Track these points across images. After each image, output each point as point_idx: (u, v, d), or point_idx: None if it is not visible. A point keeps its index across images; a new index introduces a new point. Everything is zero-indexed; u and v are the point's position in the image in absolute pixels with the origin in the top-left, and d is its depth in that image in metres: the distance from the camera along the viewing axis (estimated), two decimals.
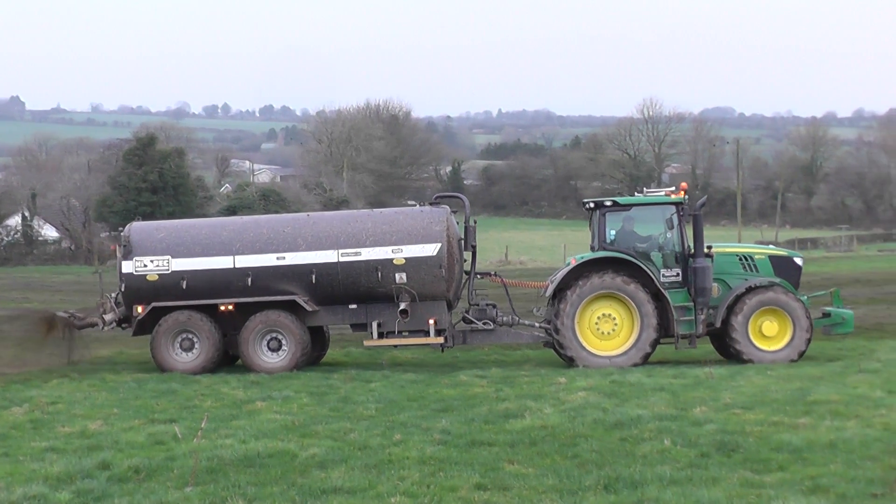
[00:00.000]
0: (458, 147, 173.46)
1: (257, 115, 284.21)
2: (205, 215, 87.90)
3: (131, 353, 27.08)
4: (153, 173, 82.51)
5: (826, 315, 24.19)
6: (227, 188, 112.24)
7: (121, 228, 24.51)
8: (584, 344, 23.17)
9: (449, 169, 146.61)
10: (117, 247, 24.40)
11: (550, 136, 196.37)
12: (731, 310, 23.15)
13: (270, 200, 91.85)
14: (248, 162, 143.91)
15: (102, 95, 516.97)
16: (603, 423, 15.76)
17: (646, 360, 23.01)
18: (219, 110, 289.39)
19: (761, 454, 13.51)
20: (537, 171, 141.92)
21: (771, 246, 29.73)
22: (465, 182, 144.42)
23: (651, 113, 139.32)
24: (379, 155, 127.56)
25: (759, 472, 12.64)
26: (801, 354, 23.05)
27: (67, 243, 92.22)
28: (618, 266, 23.28)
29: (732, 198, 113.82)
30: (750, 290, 23.22)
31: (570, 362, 23.20)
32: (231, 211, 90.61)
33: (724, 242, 25.30)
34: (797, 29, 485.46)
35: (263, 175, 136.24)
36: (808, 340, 23.16)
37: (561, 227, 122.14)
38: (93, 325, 24.86)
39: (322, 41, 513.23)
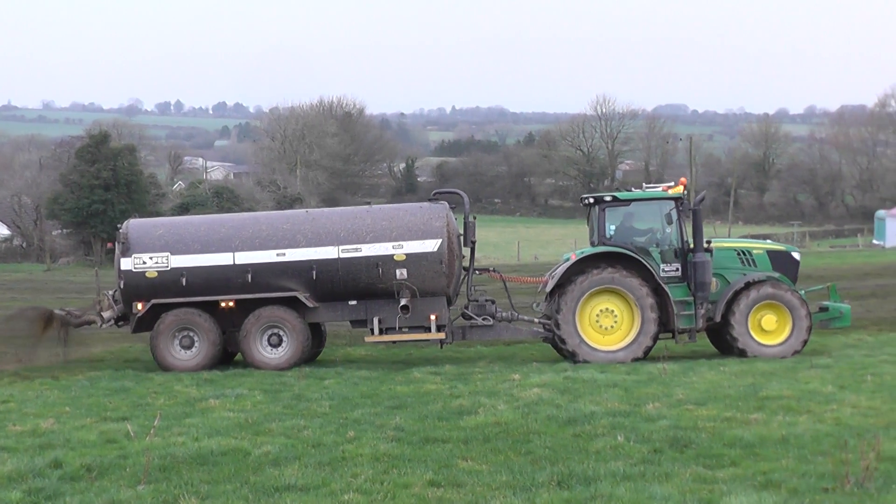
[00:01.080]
0: (411, 144, 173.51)
1: (210, 112, 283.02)
2: (157, 213, 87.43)
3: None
4: (106, 171, 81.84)
5: (823, 309, 24.41)
6: (179, 185, 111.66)
7: (119, 226, 24.36)
8: (585, 339, 23.24)
9: (403, 166, 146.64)
10: (115, 244, 24.17)
11: (504, 132, 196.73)
12: (730, 304, 23.31)
13: (224, 198, 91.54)
14: (201, 159, 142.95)
15: (54, 92, 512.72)
16: (556, 419, 15.79)
17: (646, 354, 23.12)
18: (171, 107, 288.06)
19: (714, 449, 13.58)
20: (491, 167, 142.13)
21: (768, 241, 30.01)
22: (418, 179, 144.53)
23: (604, 110, 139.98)
24: (332, 152, 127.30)
25: (711, 468, 12.70)
26: (802, 347, 23.21)
27: (19, 241, 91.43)
28: (617, 261, 23.38)
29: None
30: (749, 284, 23.37)
31: (571, 357, 23.21)
32: (184, 209, 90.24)
33: (722, 238, 25.36)
34: (749, 26, 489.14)
35: (216, 172, 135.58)
36: (808, 335, 23.34)
37: (514, 223, 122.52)
38: (90, 322, 24.72)
39: (275, 38, 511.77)
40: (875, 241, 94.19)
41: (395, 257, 23.36)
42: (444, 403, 17.64)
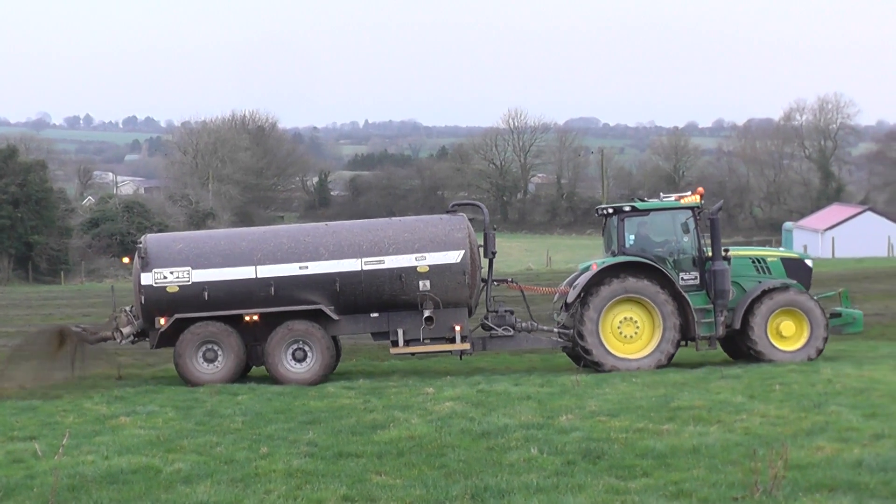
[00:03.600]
0: (324, 158, 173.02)
1: (121, 126, 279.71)
2: (68, 228, 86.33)
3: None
4: (14, 186, 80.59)
5: (836, 315, 24.80)
6: (89, 200, 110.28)
7: (139, 241, 24.13)
8: (608, 347, 23.45)
9: (316, 180, 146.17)
10: (135, 258, 23.84)
11: (417, 146, 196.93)
12: (749, 311, 23.67)
13: (134, 212, 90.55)
14: (111, 174, 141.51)
15: None
16: (470, 432, 15.81)
17: (669, 362, 23.41)
18: (81, 121, 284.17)
19: (626, 460, 13.67)
20: (404, 181, 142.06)
21: (780, 248, 30.41)
22: (332, 193, 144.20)
23: (516, 123, 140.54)
24: (245, 166, 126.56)
25: (623, 479, 12.78)
26: (819, 353, 23.66)
27: None
28: (637, 270, 23.63)
29: None
30: (766, 291, 23.75)
31: (595, 366, 23.36)
32: (94, 224, 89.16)
33: (736, 246, 25.74)
34: (658, 41, 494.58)
35: (127, 187, 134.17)
36: (825, 340, 23.77)
37: None
38: (106, 339, 24.38)
39: (186, 52, 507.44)
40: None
41: (418, 269, 23.46)
42: (357, 418, 17.59)
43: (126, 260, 31.38)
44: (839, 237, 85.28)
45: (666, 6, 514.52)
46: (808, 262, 25.24)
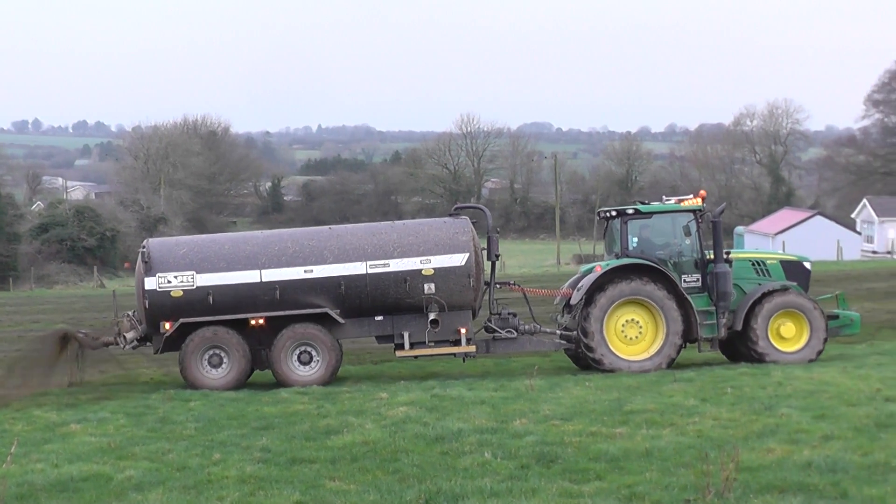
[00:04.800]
0: (277, 163, 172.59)
1: (71, 130, 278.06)
2: (16, 234, 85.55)
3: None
4: None
5: (833, 317, 25.00)
6: (38, 206, 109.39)
7: (143, 246, 23.88)
8: (613, 349, 23.59)
9: (269, 185, 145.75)
10: (140, 262, 23.59)
11: (370, 151, 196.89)
12: (750, 313, 23.92)
13: (85, 217, 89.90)
14: (60, 179, 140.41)
15: None
16: (424, 437, 15.80)
17: (671, 364, 23.57)
18: (29, 126, 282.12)
19: (579, 464, 13.72)
20: (357, 186, 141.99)
21: (779, 251, 30.61)
22: (285, 198, 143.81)
23: (470, 128, 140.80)
24: (197, 171, 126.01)
25: (577, 482, 12.82)
26: (819, 354, 23.96)
27: None
28: (641, 272, 23.78)
29: (551, 212, 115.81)
30: (767, 293, 24.01)
31: (596, 364, 23.54)
32: (43, 229, 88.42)
33: (736, 250, 25.88)
34: (611, 46, 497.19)
35: (77, 192, 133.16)
36: (825, 341, 24.10)
37: None
38: (108, 344, 24.17)
39: (138, 56, 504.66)
40: None
41: (423, 272, 23.47)
42: (311, 423, 17.53)
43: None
44: (790, 241, 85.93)
45: (619, 12, 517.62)
46: (807, 265, 25.56)
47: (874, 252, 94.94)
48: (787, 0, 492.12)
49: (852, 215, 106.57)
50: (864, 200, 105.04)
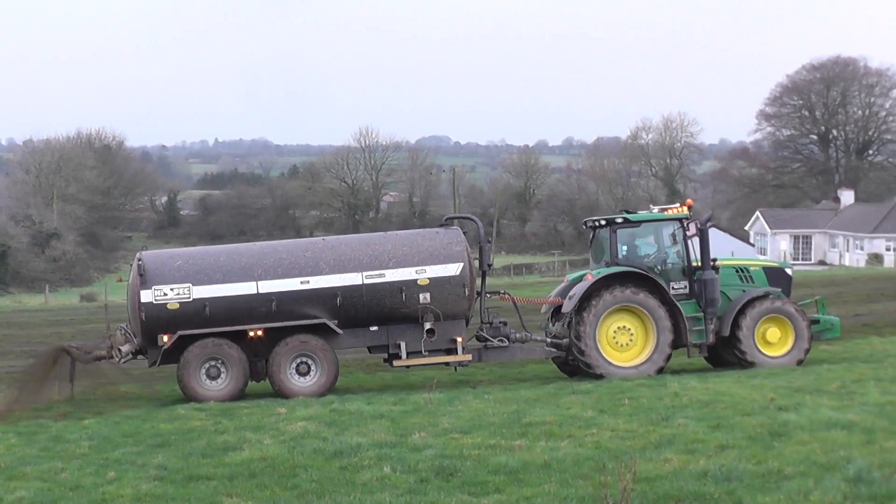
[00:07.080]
0: (173, 177, 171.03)
1: None
2: None
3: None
4: None
5: (814, 322, 25.42)
6: None
7: (139, 258, 23.51)
8: (605, 356, 23.79)
9: (165, 199, 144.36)
10: (135, 275, 23.20)
11: (268, 165, 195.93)
12: (737, 319, 24.29)
13: None
14: None
15: None
16: (323, 452, 15.73)
17: (661, 370, 23.85)
18: None
19: (479, 477, 13.74)
20: (255, 200, 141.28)
21: (762, 258, 30.88)
22: (182, 212, 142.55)
23: (368, 142, 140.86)
24: (91, 185, 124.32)
25: (476, 495, 12.84)
26: (804, 356, 24.43)
27: None
28: (630, 280, 24.05)
29: None
30: (753, 299, 24.41)
31: (588, 369, 23.74)
32: None
33: (721, 257, 26.10)
34: (508, 59, 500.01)
35: None
36: (810, 343, 24.63)
37: None
38: (101, 358, 23.77)
39: (28, 66, 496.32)
40: None
41: (418, 282, 23.56)
42: (208, 440, 17.35)
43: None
44: None
45: (515, 24, 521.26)
46: (788, 271, 26.21)
47: None
48: (681, 15, 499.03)
49: (745, 227, 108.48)
50: (757, 213, 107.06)
